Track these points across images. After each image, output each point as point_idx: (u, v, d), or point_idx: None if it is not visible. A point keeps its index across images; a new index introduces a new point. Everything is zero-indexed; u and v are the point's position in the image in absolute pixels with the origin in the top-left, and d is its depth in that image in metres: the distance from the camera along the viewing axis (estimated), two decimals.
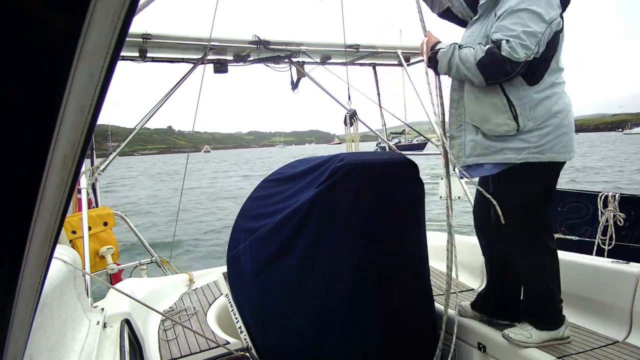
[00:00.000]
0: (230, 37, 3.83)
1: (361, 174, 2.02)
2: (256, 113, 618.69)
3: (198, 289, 3.14)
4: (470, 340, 2.35)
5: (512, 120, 1.98)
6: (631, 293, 2.18)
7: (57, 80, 0.38)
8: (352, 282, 2.08)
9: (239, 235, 2.46)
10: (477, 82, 1.97)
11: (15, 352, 0.62)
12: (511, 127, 1.98)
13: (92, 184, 4.13)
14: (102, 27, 0.37)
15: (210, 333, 2.47)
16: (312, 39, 4.28)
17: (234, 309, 2.47)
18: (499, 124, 1.99)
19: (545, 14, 1.87)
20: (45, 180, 0.44)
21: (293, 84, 4.38)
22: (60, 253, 2.05)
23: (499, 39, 1.87)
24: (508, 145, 1.99)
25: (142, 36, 3.34)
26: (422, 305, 2.30)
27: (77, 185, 3.38)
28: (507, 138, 1.99)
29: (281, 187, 2.35)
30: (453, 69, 2.00)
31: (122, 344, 1.99)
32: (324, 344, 2.09)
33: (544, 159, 1.99)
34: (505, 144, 2.00)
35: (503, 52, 1.85)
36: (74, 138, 0.44)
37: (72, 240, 3.45)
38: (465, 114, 2.09)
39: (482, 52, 1.90)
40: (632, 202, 3.88)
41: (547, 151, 1.99)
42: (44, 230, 0.50)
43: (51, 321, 1.66)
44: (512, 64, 1.86)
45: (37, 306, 0.62)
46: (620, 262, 2.30)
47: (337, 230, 2.03)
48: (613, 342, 2.15)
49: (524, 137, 1.98)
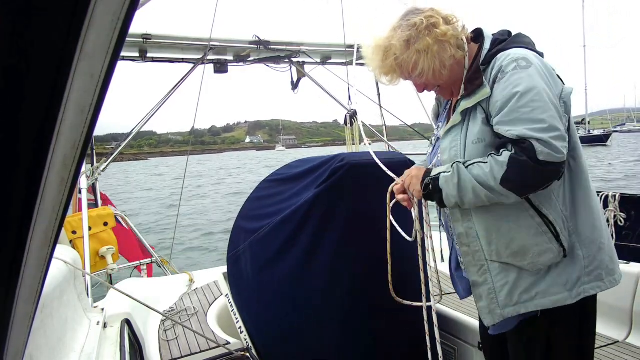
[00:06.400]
0: (230, 37, 3.84)
1: (361, 174, 2.02)
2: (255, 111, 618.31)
3: (198, 289, 3.15)
4: (470, 340, 2.35)
5: (555, 242, 1.39)
6: (631, 293, 2.18)
7: (57, 80, 0.38)
8: (351, 282, 2.08)
9: (239, 236, 2.46)
10: (512, 201, 1.36)
11: (15, 352, 0.62)
12: (556, 252, 1.39)
13: (93, 184, 4.13)
14: (102, 27, 0.37)
15: (210, 333, 2.47)
16: (312, 39, 4.29)
17: (234, 309, 2.47)
18: (541, 251, 1.39)
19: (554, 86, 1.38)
20: (45, 180, 0.44)
21: (293, 84, 4.39)
22: (61, 253, 2.05)
23: (524, 136, 1.28)
24: (553, 279, 1.41)
25: (142, 36, 3.35)
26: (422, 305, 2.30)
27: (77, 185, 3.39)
28: (551, 270, 1.42)
29: (281, 187, 2.35)
30: (468, 196, 1.36)
31: (122, 344, 1.99)
32: (324, 344, 2.09)
33: (606, 287, 1.44)
34: (551, 278, 1.41)
35: (540, 155, 1.26)
36: (74, 138, 0.44)
37: (72, 241, 3.45)
38: (483, 250, 1.46)
39: (499, 165, 1.31)
40: (633, 202, 3.88)
41: (606, 274, 1.43)
42: (44, 230, 0.50)
43: (51, 321, 1.67)
44: (557, 167, 1.29)
45: (37, 306, 0.62)
46: (621, 262, 2.29)
47: (337, 231, 2.03)
48: (613, 342, 2.15)
49: (570, 264, 1.42)
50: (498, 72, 1.38)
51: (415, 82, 1.56)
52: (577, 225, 1.43)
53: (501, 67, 1.37)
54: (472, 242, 1.47)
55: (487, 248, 1.44)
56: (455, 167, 1.38)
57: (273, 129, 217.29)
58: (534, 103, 1.30)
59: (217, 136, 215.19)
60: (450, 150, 1.46)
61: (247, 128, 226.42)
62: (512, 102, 1.32)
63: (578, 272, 1.41)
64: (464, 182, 1.35)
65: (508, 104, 1.32)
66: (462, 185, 1.36)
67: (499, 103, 1.35)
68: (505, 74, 1.35)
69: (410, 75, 1.51)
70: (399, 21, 1.49)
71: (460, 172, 1.36)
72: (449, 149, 1.47)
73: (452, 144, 1.46)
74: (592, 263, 1.42)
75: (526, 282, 1.42)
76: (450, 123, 1.49)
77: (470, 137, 1.43)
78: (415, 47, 1.44)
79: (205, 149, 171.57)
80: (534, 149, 1.26)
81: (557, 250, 1.39)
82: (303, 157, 2.45)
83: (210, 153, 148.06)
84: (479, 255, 1.47)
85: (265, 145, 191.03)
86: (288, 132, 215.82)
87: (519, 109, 1.31)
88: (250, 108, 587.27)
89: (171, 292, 3.09)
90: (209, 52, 3.68)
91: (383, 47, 1.49)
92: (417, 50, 1.44)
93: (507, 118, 1.32)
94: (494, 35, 1.52)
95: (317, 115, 57.26)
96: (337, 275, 2.06)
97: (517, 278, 1.43)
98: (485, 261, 1.46)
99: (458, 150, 1.44)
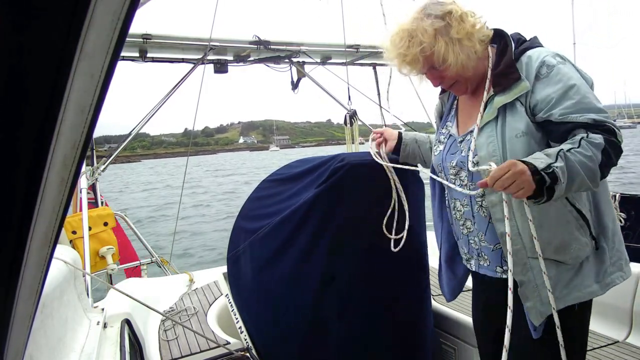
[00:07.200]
0: (230, 37, 3.84)
1: (361, 174, 2.02)
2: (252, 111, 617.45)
3: (198, 289, 3.15)
4: (470, 340, 2.35)
5: (588, 235, 1.43)
6: (631, 293, 2.18)
7: (57, 80, 0.38)
8: (351, 282, 2.08)
9: (239, 236, 2.46)
10: (595, 187, 1.36)
11: (16, 352, 0.62)
12: (589, 245, 1.44)
13: (92, 184, 4.13)
14: (102, 27, 0.37)
15: (210, 333, 2.47)
16: (312, 39, 4.29)
17: (234, 309, 2.47)
18: (581, 246, 1.41)
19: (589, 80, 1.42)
20: (45, 180, 0.44)
21: (293, 84, 4.39)
22: (61, 253, 2.05)
23: (602, 120, 1.31)
24: (586, 272, 1.45)
25: (142, 36, 3.35)
26: (422, 305, 2.30)
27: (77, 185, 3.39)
28: (583, 263, 1.44)
29: (281, 187, 2.35)
30: (574, 185, 1.30)
31: (122, 344, 1.99)
32: (323, 344, 2.09)
33: (626, 276, 1.49)
34: (584, 271, 1.45)
35: (619, 137, 1.32)
36: (74, 138, 0.44)
37: (72, 240, 3.46)
38: (526, 248, 1.43)
39: (595, 147, 1.28)
40: (633, 202, 3.88)
41: (625, 264, 1.49)
42: (44, 230, 0.50)
43: (51, 321, 1.67)
44: (622, 151, 1.35)
45: (37, 306, 0.62)
46: None
47: (336, 231, 2.03)
48: (613, 342, 2.15)
49: (599, 256, 1.46)
50: (540, 65, 1.39)
51: (436, 75, 1.53)
52: (600, 218, 1.46)
53: (544, 62, 1.39)
54: (515, 240, 1.43)
55: (530, 246, 1.41)
56: (563, 156, 1.27)
57: (266, 129, 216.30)
58: (590, 96, 1.35)
59: (211, 137, 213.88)
60: (488, 146, 1.44)
61: (240, 129, 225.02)
62: (571, 93, 1.33)
63: (605, 264, 1.45)
64: (573, 172, 1.27)
65: (567, 95, 1.33)
66: (574, 176, 1.27)
67: (554, 95, 1.34)
68: (552, 67, 1.37)
69: (436, 66, 1.48)
70: (421, 12, 1.47)
71: (569, 162, 1.26)
72: (486, 144, 1.45)
73: (489, 139, 1.45)
74: (615, 254, 1.46)
75: (565, 277, 1.43)
76: (485, 118, 1.47)
77: (512, 132, 1.41)
78: (444, 39, 1.42)
79: (199, 150, 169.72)
80: (614, 130, 1.30)
81: (590, 243, 1.43)
82: (301, 158, 2.44)
83: (204, 154, 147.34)
84: (522, 253, 1.44)
85: (258, 145, 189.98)
86: (282, 132, 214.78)
87: (583, 100, 1.33)
88: (243, 109, 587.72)
89: (171, 292, 3.09)
90: (209, 52, 3.68)
91: (408, 35, 1.46)
92: (447, 42, 1.43)
93: (574, 108, 1.32)
94: (510, 35, 1.53)
95: (311, 115, 57.24)
96: (336, 274, 2.06)
97: (557, 273, 1.42)
98: (527, 259, 1.44)
99: (496, 146, 1.43)
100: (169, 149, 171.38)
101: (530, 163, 1.26)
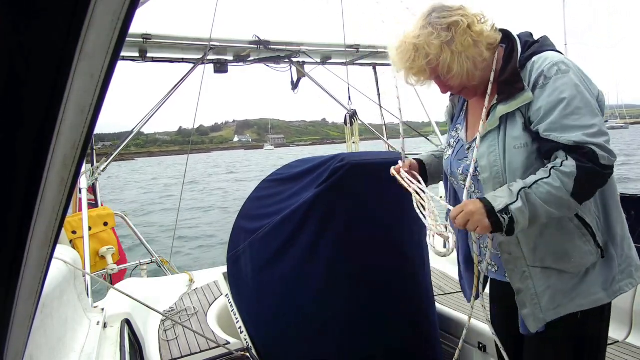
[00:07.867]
0: (230, 37, 3.84)
1: (361, 174, 2.02)
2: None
3: (198, 289, 3.15)
4: (470, 340, 2.35)
5: (593, 243, 1.39)
6: (631, 293, 2.18)
7: (57, 80, 0.38)
8: (351, 283, 2.08)
9: (239, 236, 2.46)
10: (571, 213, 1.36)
11: (16, 352, 0.62)
12: (594, 254, 1.40)
13: (93, 184, 4.13)
14: (102, 27, 0.37)
15: (210, 333, 2.47)
16: (312, 39, 4.29)
17: (234, 309, 2.47)
18: (583, 254, 1.39)
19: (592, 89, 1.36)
20: (45, 180, 0.44)
21: (293, 84, 4.39)
22: (61, 253, 2.05)
23: (583, 142, 1.25)
24: (592, 280, 1.41)
25: (142, 36, 3.35)
26: (422, 305, 2.30)
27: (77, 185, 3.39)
28: (589, 271, 1.42)
29: (281, 187, 2.35)
30: (540, 219, 1.31)
31: (122, 344, 1.99)
32: (323, 345, 2.09)
33: (636, 282, 1.46)
34: (589, 279, 1.42)
35: (602, 160, 1.25)
36: (74, 138, 0.44)
37: (72, 240, 3.46)
38: (525, 257, 1.43)
39: (567, 177, 1.26)
40: (632, 202, 3.88)
41: (635, 270, 1.45)
42: (44, 230, 0.50)
43: (51, 321, 1.67)
44: (610, 170, 1.29)
45: (37, 306, 0.62)
46: None
47: (337, 231, 2.03)
48: (613, 342, 2.15)
49: (606, 264, 1.42)
50: (538, 76, 1.34)
51: (441, 83, 1.51)
52: (610, 224, 1.44)
53: (542, 72, 1.34)
54: (513, 249, 1.43)
55: (530, 255, 1.41)
56: (520, 194, 1.27)
57: (261, 128, 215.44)
58: (583, 109, 1.28)
59: (205, 135, 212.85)
60: (489, 155, 1.42)
61: (235, 127, 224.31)
62: (559, 108, 1.29)
63: (614, 271, 1.42)
64: (536, 208, 1.27)
65: (555, 110, 1.29)
66: (535, 211, 1.27)
67: (543, 109, 1.31)
68: (549, 80, 1.32)
69: (442, 77, 1.45)
70: (425, 20, 1.42)
71: (530, 198, 1.26)
72: (487, 154, 1.43)
73: (490, 149, 1.43)
74: (625, 261, 1.43)
75: (567, 285, 1.40)
76: (487, 127, 1.44)
77: (512, 142, 1.39)
78: (451, 49, 1.39)
79: (194, 148, 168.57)
80: (595, 154, 1.24)
81: (596, 252, 1.39)
82: (301, 158, 2.45)
83: (198, 153, 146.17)
84: (521, 262, 1.43)
85: (253, 144, 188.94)
86: (277, 131, 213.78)
87: (569, 116, 1.28)
88: (238, 107, 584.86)
89: (171, 292, 3.09)
90: (209, 52, 3.68)
91: (413, 48, 1.42)
92: (453, 52, 1.39)
93: (557, 125, 1.28)
94: (519, 36, 1.48)
95: (306, 114, 57.28)
96: (336, 274, 2.06)
97: (557, 282, 1.41)
98: (527, 267, 1.43)
99: (497, 156, 1.41)
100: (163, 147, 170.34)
101: (488, 203, 1.28)
